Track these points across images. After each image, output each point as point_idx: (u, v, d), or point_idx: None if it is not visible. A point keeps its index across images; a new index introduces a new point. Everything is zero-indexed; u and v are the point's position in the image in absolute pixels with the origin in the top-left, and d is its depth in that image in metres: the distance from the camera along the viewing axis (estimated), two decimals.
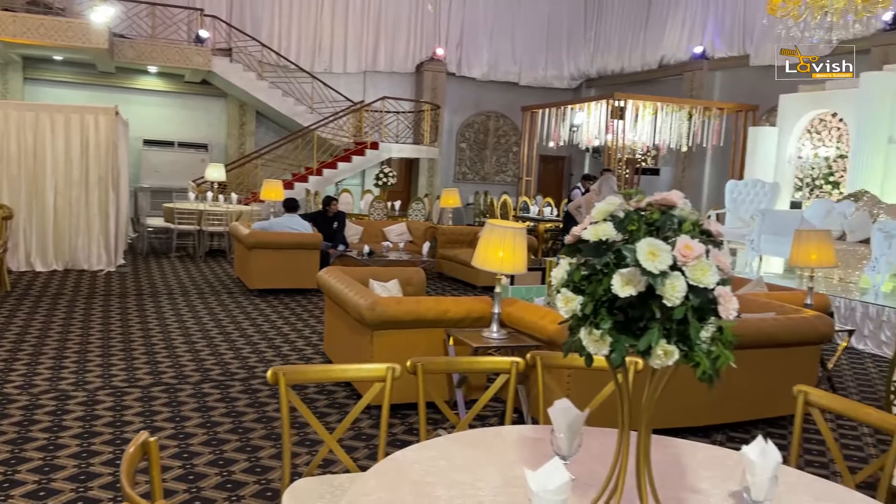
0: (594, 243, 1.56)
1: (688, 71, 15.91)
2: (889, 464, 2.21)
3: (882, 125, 10.52)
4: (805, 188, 12.20)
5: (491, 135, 19.19)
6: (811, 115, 12.10)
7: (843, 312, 7.56)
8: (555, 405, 1.92)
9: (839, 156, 11.63)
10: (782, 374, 4.56)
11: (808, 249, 5.30)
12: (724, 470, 2.02)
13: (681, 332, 1.47)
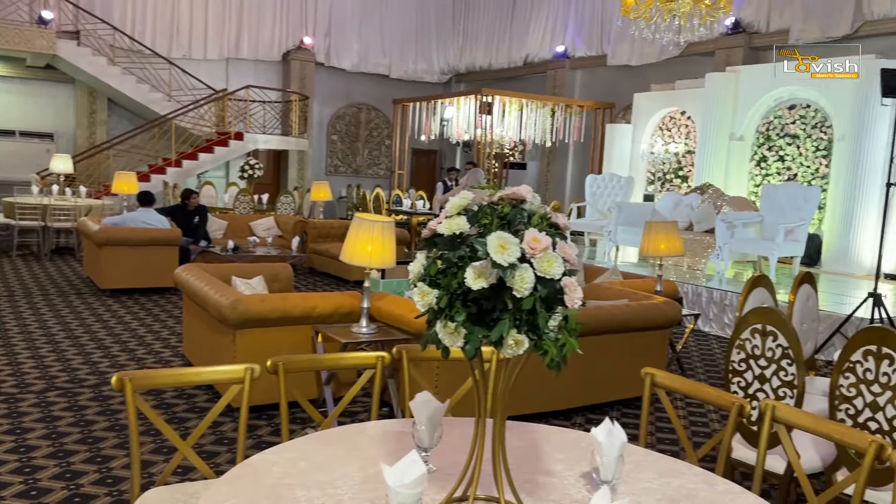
0: (449, 237, 1.57)
1: (551, 69, 16.52)
2: (726, 438, 2.39)
3: (725, 123, 11.42)
4: (657, 182, 13.03)
5: (363, 127, 19.05)
6: (662, 113, 12.93)
7: (691, 297, 8.14)
8: (416, 398, 1.93)
9: (687, 151, 12.51)
10: (636, 357, 4.84)
11: (657, 240, 5.65)
12: (578, 452, 2.11)
13: (530, 322, 1.51)
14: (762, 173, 11.23)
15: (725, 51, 12.83)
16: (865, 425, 2.77)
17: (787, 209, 9.20)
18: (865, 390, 2.75)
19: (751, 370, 3.11)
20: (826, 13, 11.44)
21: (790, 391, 2.97)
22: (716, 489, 1.94)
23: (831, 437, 2.22)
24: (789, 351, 2.95)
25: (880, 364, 2.71)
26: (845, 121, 9.86)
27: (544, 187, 16.75)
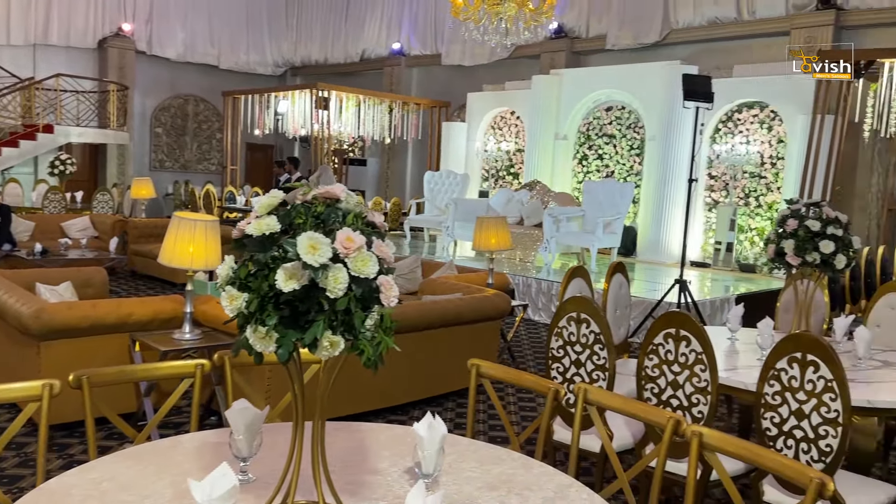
0: (258, 238, 1.51)
1: (388, 66, 16.59)
2: (544, 422, 2.51)
3: (550, 123, 12.05)
4: (491, 178, 13.51)
5: (191, 120, 18.07)
6: (494, 113, 13.41)
7: (522, 289, 8.52)
8: (232, 406, 1.85)
9: (517, 150, 13.07)
10: (470, 348, 4.99)
11: (488, 235, 5.86)
12: (404, 447, 2.12)
13: (346, 323, 1.49)
14: (584, 170, 11.99)
15: (550, 54, 13.55)
16: (668, 402, 3.03)
17: (605, 204, 9.89)
18: (667, 370, 3.01)
19: (568, 356, 3.30)
20: (638, 21, 12.40)
21: (603, 374, 3.19)
22: (532, 472, 2.04)
23: (637, 416, 2.40)
24: (601, 336, 3.17)
25: (679, 346, 2.97)
26: (655, 122, 10.75)
27: (385, 184, 16.81)
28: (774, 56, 10.89)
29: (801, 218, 3.66)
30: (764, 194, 10.02)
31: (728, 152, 10.34)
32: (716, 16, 11.61)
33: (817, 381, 2.63)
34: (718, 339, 4.08)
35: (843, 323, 3.97)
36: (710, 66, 11.11)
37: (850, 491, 2.71)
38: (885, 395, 3.11)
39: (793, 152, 9.48)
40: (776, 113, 9.83)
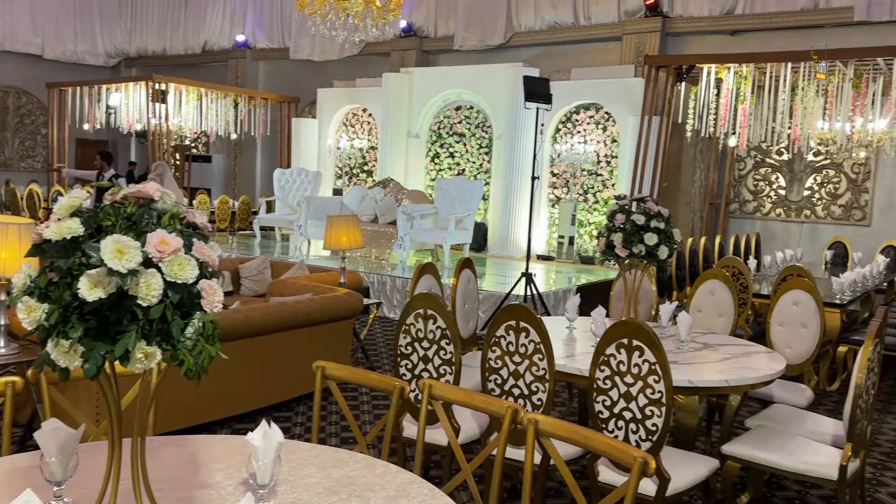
0: (59, 243, 1.38)
1: (232, 59, 15.95)
2: (389, 421, 2.50)
3: (402, 121, 12.12)
4: (344, 176, 13.38)
5: (11, 114, 16.44)
6: (346, 110, 13.29)
7: (377, 287, 8.50)
8: (42, 427, 1.69)
9: (370, 147, 13.03)
10: (322, 349, 4.90)
11: (338, 233, 5.78)
12: (241, 458, 2.04)
13: (162, 332, 1.39)
14: (436, 168, 12.17)
15: (400, 52, 13.61)
16: (511, 392, 3.13)
17: (457, 201, 10.09)
18: (509, 361, 3.11)
19: (416, 352, 3.32)
20: (483, 23, 12.75)
21: (450, 368, 3.23)
22: (375, 473, 2.02)
23: (478, 408, 2.45)
24: (447, 332, 3.21)
25: (519, 337, 3.07)
26: (501, 121, 11.11)
27: (233, 181, 16.17)
28: (608, 60, 11.60)
29: (628, 213, 3.91)
30: (601, 191, 10.65)
31: (568, 151, 10.88)
32: (555, 20, 12.17)
33: (642, 364, 2.81)
34: (558, 327, 4.27)
35: (667, 309, 4.29)
36: (551, 68, 11.64)
37: (674, 465, 2.93)
38: (705, 374, 3.39)
39: (625, 151, 10.16)
40: (610, 114, 10.47)
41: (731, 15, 10.60)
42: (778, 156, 10.70)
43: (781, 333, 4.60)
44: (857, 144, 7.98)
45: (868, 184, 10.07)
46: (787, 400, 4.16)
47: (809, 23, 10.04)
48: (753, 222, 10.92)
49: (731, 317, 4.82)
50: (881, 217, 9.99)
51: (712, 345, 4.00)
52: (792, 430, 3.60)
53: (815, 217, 10.49)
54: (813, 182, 10.50)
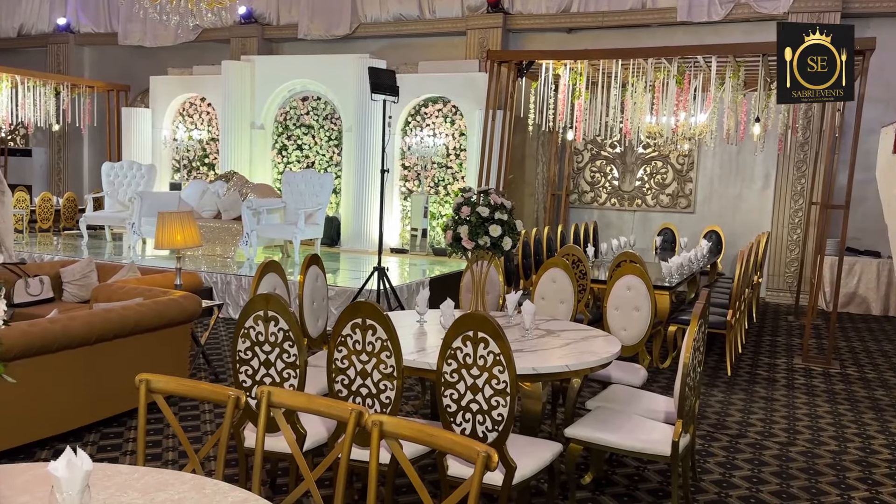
0: None
1: (53, 43, 14.56)
2: (224, 435, 2.33)
3: (244, 111, 11.60)
4: (183, 169, 12.62)
5: None
6: (182, 99, 12.52)
7: (221, 287, 8.08)
8: None
9: (211, 139, 12.37)
10: (155, 357, 4.56)
11: (172, 231, 5.40)
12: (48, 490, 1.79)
13: None
14: (284, 161, 11.78)
15: (241, 40, 13.03)
16: (358, 392, 3.04)
17: (307, 195, 9.82)
18: (356, 360, 3.01)
19: (257, 357, 3.14)
20: (328, 13, 12.48)
21: (294, 372, 3.09)
22: (204, 493, 1.86)
23: (321, 413, 2.34)
24: (290, 333, 3.06)
25: (366, 335, 2.98)
26: (350, 113, 10.94)
27: (57, 176, 14.78)
28: (454, 54, 11.76)
29: (473, 205, 3.93)
30: (451, 183, 10.78)
31: (418, 144, 10.92)
32: (400, 13, 12.15)
33: (487, 355, 2.82)
34: (409, 321, 4.24)
35: (512, 299, 4.38)
36: (399, 61, 11.62)
37: (520, 452, 2.98)
38: (549, 361, 3.47)
39: (473, 144, 10.34)
40: (457, 108, 10.62)
41: (568, 13, 11.08)
42: (611, 149, 11.35)
43: (617, 317, 4.85)
44: (682, 137, 8.61)
45: (692, 174, 10.93)
46: (624, 380, 4.39)
47: (638, 22, 10.71)
48: (591, 211, 11.53)
49: (572, 303, 5.02)
50: (704, 204, 10.89)
51: (555, 331, 4.13)
52: (629, 410, 3.79)
53: (646, 206, 11.23)
54: (643, 173, 11.24)
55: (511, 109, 8.48)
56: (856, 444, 4.64)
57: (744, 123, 8.22)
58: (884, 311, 9.59)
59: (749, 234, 10.45)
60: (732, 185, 10.70)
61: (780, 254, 10.30)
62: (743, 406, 5.39)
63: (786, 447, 4.55)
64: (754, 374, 6.34)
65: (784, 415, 5.22)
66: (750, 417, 5.13)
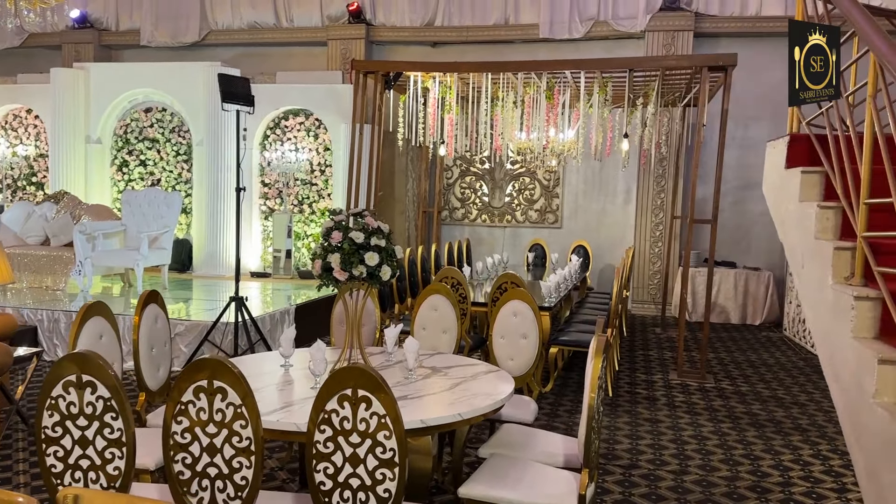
0: None
1: None
2: None
3: (78, 124, 10.35)
4: (6, 190, 11.09)
5: None
6: (5, 110, 11.03)
7: (48, 326, 6.97)
8: None
9: (39, 155, 10.96)
10: None
11: None
12: None
13: None
14: (125, 178, 10.62)
15: (74, 46, 11.73)
16: (206, 473, 2.41)
17: (150, 216, 8.81)
18: (201, 433, 2.39)
19: (69, 434, 2.44)
20: (174, 19, 11.49)
21: (120, 451, 2.41)
22: None
23: None
24: (112, 402, 2.39)
25: (213, 400, 2.37)
26: (201, 126, 10.02)
27: None
28: (315, 65, 11.15)
29: (345, 229, 3.40)
30: (316, 201, 10.14)
31: (279, 159, 10.19)
32: (255, 20, 11.39)
33: (370, 418, 2.30)
34: (271, 366, 3.63)
35: (392, 333, 3.89)
36: (255, 70, 10.86)
37: None
38: (438, 409, 3.01)
39: (339, 160, 9.77)
40: (320, 121, 10.01)
41: (432, 26, 10.81)
42: (480, 164, 11.17)
43: (503, 346, 4.48)
44: (551, 153, 8.51)
45: (558, 189, 10.95)
46: (516, 417, 4.00)
47: (502, 38, 10.62)
48: (462, 228, 11.28)
49: (456, 332, 4.60)
50: (570, 220, 10.93)
51: (440, 368, 3.68)
52: (526, 455, 3.40)
53: (516, 221, 11.13)
54: (512, 189, 11.14)
55: (379, 123, 8.01)
56: (746, 468, 4.53)
57: (610, 139, 8.24)
58: (741, 319, 9.98)
59: (614, 248, 10.59)
60: (596, 200, 10.82)
61: (643, 267, 10.51)
62: (630, 431, 5.19)
63: (679, 476, 4.35)
64: (634, 394, 6.21)
65: (672, 438, 5.06)
66: (639, 444, 4.92)
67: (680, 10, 9.98)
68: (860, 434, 2.41)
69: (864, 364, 2.36)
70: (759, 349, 8.32)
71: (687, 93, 8.63)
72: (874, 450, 2.25)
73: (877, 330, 2.50)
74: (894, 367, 2.24)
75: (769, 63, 9.65)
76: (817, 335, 3.03)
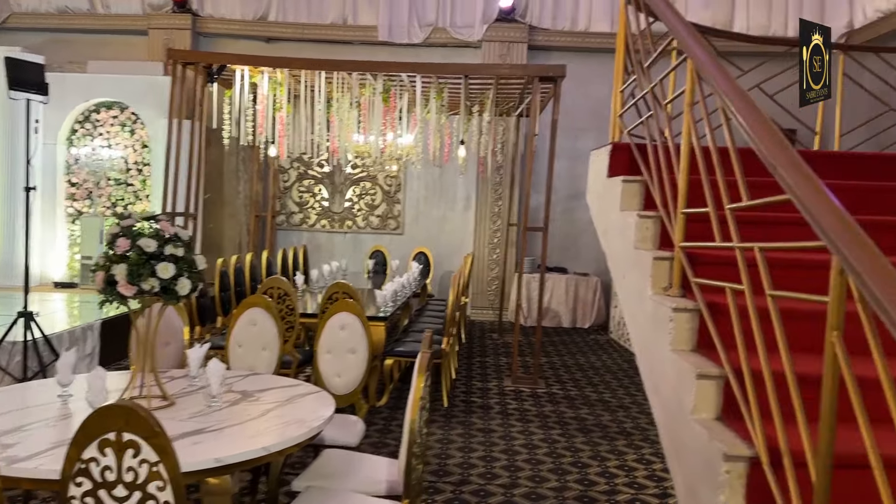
0: None
1: None
2: None
3: None
4: None
5: None
6: None
7: None
8: None
9: None
10: None
11: None
12: None
13: None
14: None
15: None
16: None
17: None
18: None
19: None
20: None
21: None
22: None
23: None
24: None
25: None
26: None
27: None
28: (134, 55, 10.22)
29: (134, 236, 2.94)
30: (133, 203, 9.25)
31: (89, 156, 9.19)
32: (66, 4, 10.27)
33: (139, 466, 1.91)
34: (47, 396, 3.09)
35: (196, 354, 3.45)
36: (64, 58, 9.76)
37: None
38: (240, 443, 2.64)
39: (158, 158, 8.96)
40: (137, 115, 9.14)
41: (265, 21, 10.27)
42: (319, 168, 10.76)
43: (330, 362, 4.17)
44: (389, 158, 8.30)
45: (399, 195, 10.78)
46: (339, 440, 3.70)
47: (339, 38, 10.28)
48: (301, 234, 10.80)
49: (277, 349, 4.22)
50: (412, 225, 10.79)
51: (252, 393, 3.30)
52: (346, 485, 3.10)
53: (357, 227, 10.83)
54: (352, 194, 10.82)
55: (201, 119, 7.39)
56: (574, 477, 4.52)
57: (448, 146, 8.17)
58: (572, 323, 10.31)
59: (454, 254, 10.58)
60: (437, 206, 10.77)
61: (482, 273, 10.58)
62: (463, 443, 5.05)
63: (510, 490, 4.25)
64: (469, 403, 6.12)
65: (503, 448, 4.98)
66: (471, 457, 4.79)
67: (515, 21, 10.17)
68: (679, 450, 2.35)
69: (683, 378, 2.30)
70: (588, 352, 8.59)
71: (520, 103, 8.76)
72: (692, 467, 2.19)
73: (695, 342, 2.47)
74: (712, 381, 2.19)
75: (597, 77, 10.06)
76: (637, 346, 3.00)
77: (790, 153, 1.79)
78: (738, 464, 1.92)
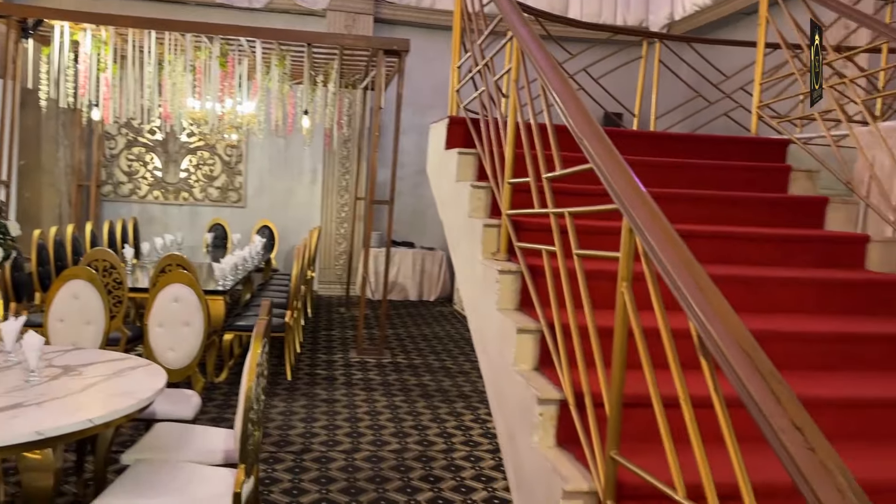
0: None
1: None
2: None
3: None
4: None
5: None
6: None
7: None
8: None
9: None
10: None
11: None
12: None
13: None
14: None
15: None
16: None
17: None
18: None
19: None
20: None
21: None
22: None
23: None
24: None
25: None
26: None
27: None
28: None
29: None
30: None
31: None
32: None
33: None
34: None
35: (11, 327, 3.21)
36: None
37: None
38: (63, 416, 2.52)
39: None
40: None
41: None
42: (151, 135, 10.15)
43: (162, 336, 4.03)
44: (229, 126, 7.99)
45: (241, 166, 10.42)
46: (172, 414, 3.60)
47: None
48: (130, 206, 10.16)
49: (103, 323, 4.02)
50: (255, 198, 10.49)
51: (75, 367, 3.13)
52: (180, 456, 3.04)
53: (194, 199, 10.36)
54: (189, 164, 10.32)
55: (15, 78, 6.71)
56: (414, 439, 4.69)
57: (291, 116, 8.00)
58: (419, 296, 10.55)
59: (300, 228, 10.43)
60: (282, 179, 10.54)
61: (329, 247, 10.53)
62: (305, 414, 5.07)
63: (351, 455, 4.34)
64: (314, 375, 6.13)
65: (346, 417, 5.06)
66: (313, 426, 4.82)
67: None
68: (502, 401, 2.54)
69: (506, 334, 2.48)
70: (433, 323, 8.86)
71: (366, 76, 8.75)
72: (513, 414, 2.38)
73: (518, 302, 2.66)
74: (530, 335, 2.39)
75: (442, 55, 10.23)
76: (469, 309, 3.17)
77: (595, 127, 1.98)
78: (550, 406, 2.12)
